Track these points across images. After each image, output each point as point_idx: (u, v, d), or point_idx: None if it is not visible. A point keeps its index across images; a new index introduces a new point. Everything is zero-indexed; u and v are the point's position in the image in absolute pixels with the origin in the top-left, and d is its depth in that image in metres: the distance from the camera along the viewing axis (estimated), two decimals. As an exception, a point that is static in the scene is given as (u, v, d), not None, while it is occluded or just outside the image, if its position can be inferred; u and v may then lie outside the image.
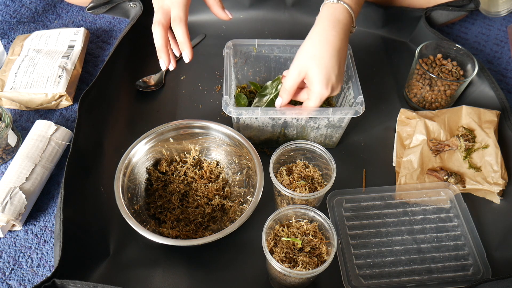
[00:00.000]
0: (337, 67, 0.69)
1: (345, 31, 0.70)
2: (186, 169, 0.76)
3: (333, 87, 0.70)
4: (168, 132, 0.75)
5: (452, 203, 0.75)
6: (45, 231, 0.72)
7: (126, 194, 0.68)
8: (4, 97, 0.86)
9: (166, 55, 0.69)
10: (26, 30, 1.04)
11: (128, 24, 0.92)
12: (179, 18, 0.67)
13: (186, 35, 0.67)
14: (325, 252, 0.60)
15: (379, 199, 0.75)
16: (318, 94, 0.69)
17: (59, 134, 0.79)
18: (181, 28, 0.67)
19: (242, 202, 0.72)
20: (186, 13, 0.67)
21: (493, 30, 1.09)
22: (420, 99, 0.87)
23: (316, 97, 0.70)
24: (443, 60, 0.87)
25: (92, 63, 0.98)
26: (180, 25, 0.67)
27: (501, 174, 0.75)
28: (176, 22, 0.67)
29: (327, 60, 0.68)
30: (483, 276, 0.67)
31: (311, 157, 0.72)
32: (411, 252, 0.70)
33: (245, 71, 0.87)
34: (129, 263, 0.68)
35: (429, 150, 0.79)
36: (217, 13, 0.73)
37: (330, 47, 0.68)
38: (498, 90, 0.85)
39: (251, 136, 0.79)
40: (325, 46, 0.69)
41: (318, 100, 0.70)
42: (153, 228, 0.68)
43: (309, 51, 0.69)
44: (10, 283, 0.67)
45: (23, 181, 0.72)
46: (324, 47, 0.69)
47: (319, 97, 0.70)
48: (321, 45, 0.69)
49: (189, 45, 0.68)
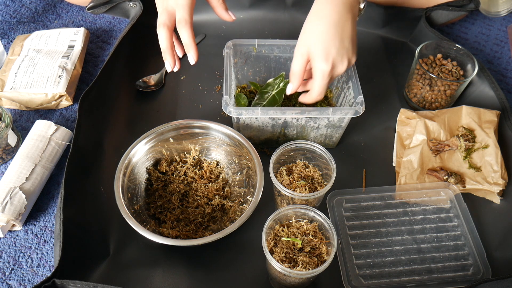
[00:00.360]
0: (337, 41, 0.67)
1: (345, 4, 0.69)
2: (186, 169, 0.76)
3: (335, 62, 0.68)
4: (168, 132, 0.75)
5: (452, 203, 0.75)
6: (45, 231, 0.72)
7: (126, 194, 0.68)
8: (4, 97, 0.86)
9: (171, 57, 0.69)
10: (26, 30, 1.04)
11: (128, 24, 0.92)
12: (185, 20, 0.66)
13: (192, 37, 0.67)
14: (325, 252, 0.60)
15: (379, 199, 0.75)
16: (319, 70, 0.68)
17: (59, 134, 0.79)
18: (186, 30, 0.66)
19: (242, 202, 0.72)
20: (191, 15, 0.67)
21: (493, 30, 1.09)
22: (420, 99, 0.87)
23: (318, 73, 0.68)
24: (443, 60, 0.87)
25: (92, 63, 0.98)
26: (185, 27, 0.66)
27: (501, 174, 0.75)
28: (182, 24, 0.66)
29: (324, 34, 0.67)
30: (483, 276, 0.67)
31: (311, 157, 0.72)
32: (411, 252, 0.70)
33: (245, 71, 0.87)
34: (129, 263, 0.68)
35: (429, 150, 0.79)
36: (220, 15, 0.73)
37: (326, 21, 0.67)
38: (498, 90, 0.85)
39: (251, 136, 0.79)
40: (321, 20, 0.68)
41: (321, 77, 0.68)
42: (153, 228, 0.68)
43: (306, 29, 0.69)
44: (10, 283, 0.67)
45: (23, 181, 0.72)
46: (321, 21, 0.68)
47: (321, 73, 0.68)
48: (318, 21, 0.68)
49: (195, 47, 0.68)
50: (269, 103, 0.79)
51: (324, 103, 0.86)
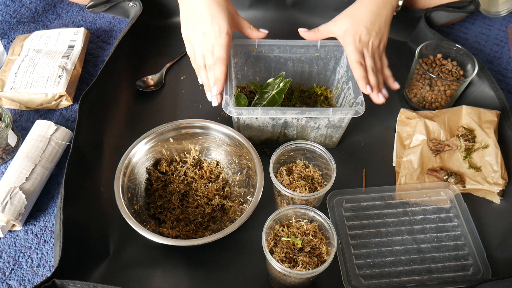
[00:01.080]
0: (368, 22, 0.77)
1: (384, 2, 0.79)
2: (186, 169, 0.76)
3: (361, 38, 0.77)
4: (168, 132, 0.75)
5: (452, 203, 0.75)
6: (45, 231, 0.72)
7: (126, 194, 0.68)
8: (4, 97, 0.86)
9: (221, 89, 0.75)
10: (26, 30, 1.04)
11: (128, 24, 0.92)
12: (222, 58, 0.73)
13: (224, 74, 0.73)
14: (325, 252, 0.60)
15: (379, 199, 0.75)
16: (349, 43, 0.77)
17: (59, 134, 0.79)
18: (221, 66, 0.73)
19: (242, 202, 0.72)
20: (228, 54, 0.75)
21: (493, 30, 1.09)
22: (420, 99, 0.87)
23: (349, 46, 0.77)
24: (443, 60, 0.87)
25: (92, 63, 0.98)
26: (222, 64, 0.73)
27: (501, 174, 0.75)
28: (220, 61, 0.73)
29: (357, 13, 0.78)
30: (483, 276, 0.67)
31: (311, 157, 0.72)
32: (411, 252, 0.70)
33: (245, 71, 0.87)
34: (129, 263, 0.68)
35: (429, 150, 0.79)
36: (256, 37, 0.81)
37: (362, 5, 0.79)
38: (498, 90, 0.85)
39: (251, 136, 0.79)
40: (358, 4, 0.80)
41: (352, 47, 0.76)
42: (153, 228, 0.68)
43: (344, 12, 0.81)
44: (10, 283, 0.67)
45: (23, 181, 0.72)
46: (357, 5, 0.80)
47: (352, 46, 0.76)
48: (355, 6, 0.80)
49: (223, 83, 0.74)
50: (269, 103, 0.79)
51: (324, 103, 0.86)
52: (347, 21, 0.78)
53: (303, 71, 0.87)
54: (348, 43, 0.77)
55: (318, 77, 0.88)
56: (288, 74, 0.87)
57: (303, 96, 0.87)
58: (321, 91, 0.88)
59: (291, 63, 0.86)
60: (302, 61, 0.85)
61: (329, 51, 0.84)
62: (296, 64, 0.86)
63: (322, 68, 0.87)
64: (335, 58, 0.85)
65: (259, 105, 0.80)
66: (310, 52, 0.84)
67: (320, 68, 0.87)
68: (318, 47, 0.83)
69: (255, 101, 0.81)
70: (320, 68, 0.87)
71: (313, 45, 0.83)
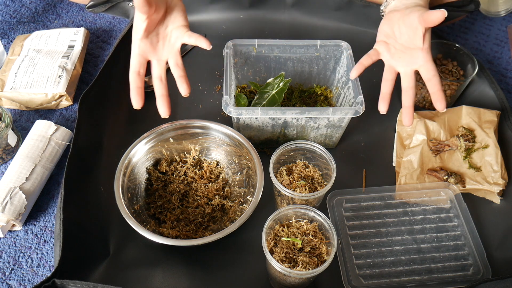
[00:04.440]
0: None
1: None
2: (186, 169, 0.76)
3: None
4: (168, 132, 0.75)
5: (452, 203, 0.75)
6: (45, 231, 0.72)
7: (126, 194, 0.68)
8: (4, 97, 0.86)
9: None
10: (26, 30, 1.04)
11: (128, 24, 0.92)
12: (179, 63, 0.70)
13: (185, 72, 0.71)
14: (325, 252, 0.60)
15: (379, 199, 0.75)
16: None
17: (59, 134, 0.79)
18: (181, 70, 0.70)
19: (242, 202, 0.72)
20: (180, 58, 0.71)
21: (493, 30, 1.09)
22: (420, 99, 0.87)
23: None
24: (443, 60, 0.87)
25: (92, 63, 0.98)
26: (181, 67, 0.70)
27: (501, 174, 0.75)
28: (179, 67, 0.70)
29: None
30: (483, 276, 0.67)
31: (311, 157, 0.72)
32: (411, 252, 0.70)
33: (245, 71, 0.87)
34: (129, 263, 0.68)
35: (429, 150, 0.79)
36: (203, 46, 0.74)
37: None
38: (498, 90, 0.85)
39: (251, 136, 0.79)
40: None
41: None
42: (153, 228, 0.68)
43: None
44: (10, 283, 0.67)
45: (23, 181, 0.72)
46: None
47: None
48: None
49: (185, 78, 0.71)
50: (269, 103, 0.79)
51: (324, 103, 0.86)
52: None
53: (303, 71, 0.87)
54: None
55: (318, 77, 0.88)
56: (288, 74, 0.87)
57: (303, 96, 0.87)
58: (321, 91, 0.88)
59: (291, 63, 0.86)
60: (302, 61, 0.86)
61: (329, 51, 0.84)
62: (296, 64, 0.86)
63: (322, 68, 0.87)
64: (335, 58, 0.85)
65: (259, 105, 0.80)
66: (310, 52, 0.84)
67: (320, 68, 0.87)
68: (317, 47, 0.83)
69: (255, 101, 0.81)
70: (320, 68, 0.87)
71: (312, 45, 0.83)
